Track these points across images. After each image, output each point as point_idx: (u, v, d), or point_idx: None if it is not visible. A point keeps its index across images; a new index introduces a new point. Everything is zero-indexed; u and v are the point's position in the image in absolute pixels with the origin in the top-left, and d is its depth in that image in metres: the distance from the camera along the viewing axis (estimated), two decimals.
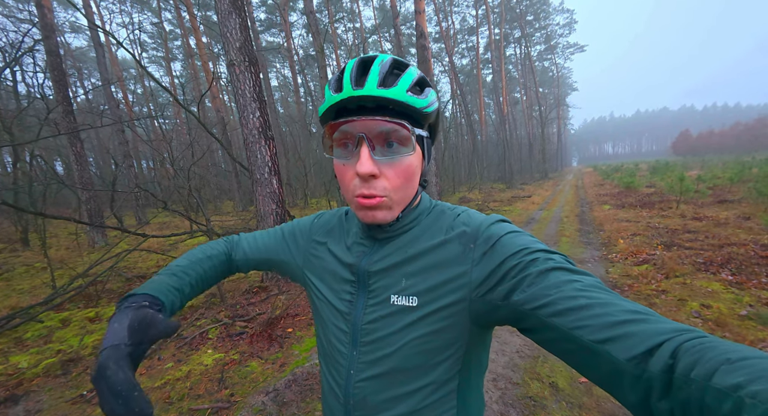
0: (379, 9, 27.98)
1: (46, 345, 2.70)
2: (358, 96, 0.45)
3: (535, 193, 15.14)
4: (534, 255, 0.43)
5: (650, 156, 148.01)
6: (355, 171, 0.46)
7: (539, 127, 30.27)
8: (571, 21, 32.91)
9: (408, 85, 0.47)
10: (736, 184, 10.92)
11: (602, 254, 4.96)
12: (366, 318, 0.52)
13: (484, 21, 26.14)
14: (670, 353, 0.30)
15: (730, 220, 6.12)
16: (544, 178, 27.81)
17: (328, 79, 0.49)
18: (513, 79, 37.51)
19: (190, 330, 2.95)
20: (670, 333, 0.32)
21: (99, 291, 3.80)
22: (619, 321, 0.34)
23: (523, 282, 0.42)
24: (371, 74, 0.46)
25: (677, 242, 4.99)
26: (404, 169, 0.48)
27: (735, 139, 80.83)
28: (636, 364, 0.31)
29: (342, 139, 0.49)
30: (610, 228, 6.55)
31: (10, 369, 2.30)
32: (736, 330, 2.46)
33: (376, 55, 0.49)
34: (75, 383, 2.24)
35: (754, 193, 7.37)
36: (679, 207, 7.87)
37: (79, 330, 2.94)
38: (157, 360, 2.54)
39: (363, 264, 0.55)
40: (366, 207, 0.48)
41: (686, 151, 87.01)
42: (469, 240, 0.50)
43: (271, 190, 3.85)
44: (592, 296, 0.37)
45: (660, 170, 20.32)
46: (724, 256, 4.10)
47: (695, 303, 2.98)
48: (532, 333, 0.42)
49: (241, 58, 3.58)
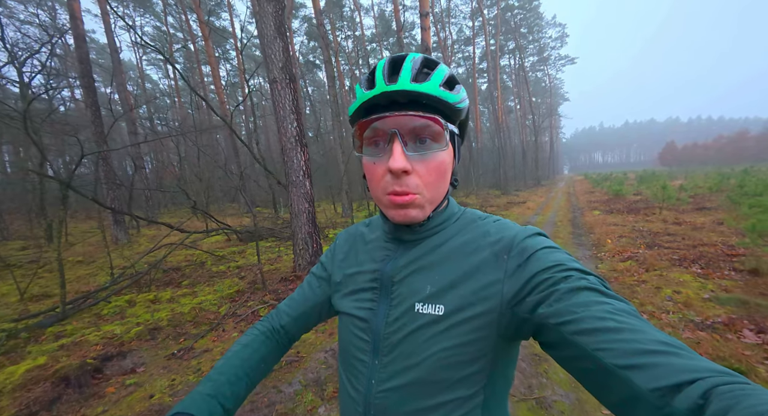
0: (380, 18, 28.77)
1: (123, 319, 3.16)
2: (392, 91, 0.45)
3: (529, 199, 15.84)
4: (568, 273, 0.42)
5: (639, 165, 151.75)
6: (387, 167, 0.46)
7: (532, 135, 31.32)
8: (563, 34, 34.19)
9: (440, 80, 0.47)
10: (714, 193, 11.73)
11: (593, 253, 5.56)
12: (388, 327, 0.51)
13: (480, 32, 27.09)
14: (701, 393, 0.28)
15: (706, 225, 6.80)
16: (537, 185, 28.68)
17: (334, 84, 0.52)
18: (507, 89, 38.61)
19: (242, 309, 3.43)
20: (705, 372, 0.29)
21: (149, 280, 4.25)
22: (647, 350, 0.32)
23: (552, 296, 0.41)
24: (404, 70, 0.46)
25: (658, 243, 5.62)
26: (437, 165, 0.48)
27: (717, 151, 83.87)
28: (659, 396, 0.29)
29: (373, 136, 0.49)
30: (599, 231, 7.18)
31: (108, 335, 2.77)
32: (699, 309, 3.04)
33: (407, 54, 0.49)
34: (163, 345, 2.72)
35: (728, 202, 8.11)
36: (662, 213, 8.57)
37: (146, 309, 3.41)
38: (222, 332, 3.03)
39: (387, 269, 0.54)
40: (398, 204, 0.48)
41: (672, 162, 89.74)
42: (502, 250, 0.48)
43: (305, 190, 4.37)
44: (622, 320, 0.36)
45: (647, 179, 21.22)
46: (696, 254, 4.73)
47: (669, 290, 3.57)
48: (552, 349, 0.41)
49: (283, 76, 4.11)
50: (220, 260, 5.64)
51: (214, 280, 4.48)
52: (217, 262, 5.52)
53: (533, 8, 29.79)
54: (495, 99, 25.19)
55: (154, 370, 2.39)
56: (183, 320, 3.13)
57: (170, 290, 3.97)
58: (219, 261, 5.57)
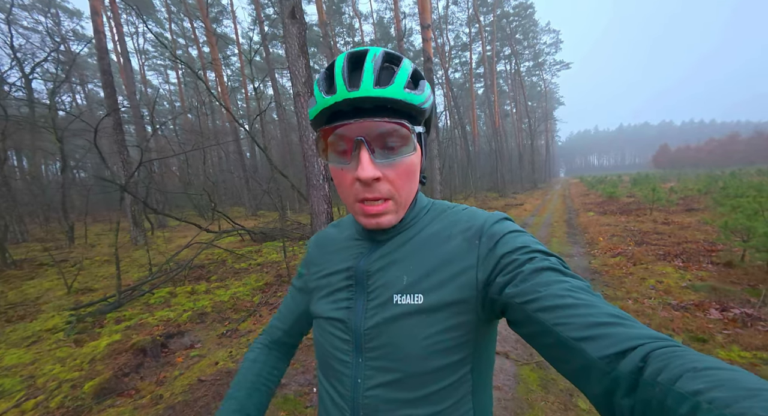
0: (378, 24, 29.37)
1: (170, 307, 3.56)
2: (354, 98, 0.43)
3: (526, 201, 16.34)
4: (531, 254, 0.45)
5: (633, 168, 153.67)
6: (355, 176, 0.45)
7: (528, 138, 32.00)
8: (557, 41, 34.99)
9: (404, 81, 0.45)
10: (703, 194, 12.27)
11: (586, 250, 6.02)
12: (367, 322, 0.50)
13: (476, 38, 27.75)
14: (641, 357, 0.31)
15: (692, 224, 7.29)
16: (534, 187, 29.26)
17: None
18: (503, 93, 39.32)
19: (273, 299, 3.84)
20: (645, 339, 0.33)
21: (184, 276, 4.65)
22: (599, 323, 0.35)
23: (517, 277, 0.43)
24: (365, 72, 0.44)
25: (646, 240, 6.09)
26: (405, 168, 0.48)
27: (709, 154, 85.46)
28: (607, 363, 0.33)
29: (337, 142, 0.47)
30: (593, 230, 7.65)
31: (164, 319, 3.17)
32: (677, 295, 3.48)
33: (367, 50, 0.46)
34: (212, 327, 3.12)
35: (714, 203, 8.62)
36: (652, 214, 9.07)
37: (187, 299, 3.81)
38: (259, 317, 3.43)
39: (361, 264, 0.54)
40: (370, 214, 0.48)
41: (665, 164, 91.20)
42: (474, 236, 0.50)
43: (324, 193, 4.79)
44: (579, 297, 0.38)
45: (640, 182, 21.79)
46: (679, 250, 5.20)
47: (652, 280, 4.02)
48: (518, 327, 0.43)
49: (306, 90, 4.55)
50: (239, 258, 6.03)
51: (240, 276, 4.88)
52: (237, 260, 5.92)
53: (528, 15, 30.57)
54: (492, 103, 25.79)
55: (210, 346, 2.79)
56: (224, 307, 3.53)
57: (204, 283, 4.37)
58: (239, 259, 5.96)
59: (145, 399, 2.06)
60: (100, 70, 7.55)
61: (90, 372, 2.28)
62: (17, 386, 2.16)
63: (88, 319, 3.19)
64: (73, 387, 2.13)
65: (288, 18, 4.38)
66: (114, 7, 10.93)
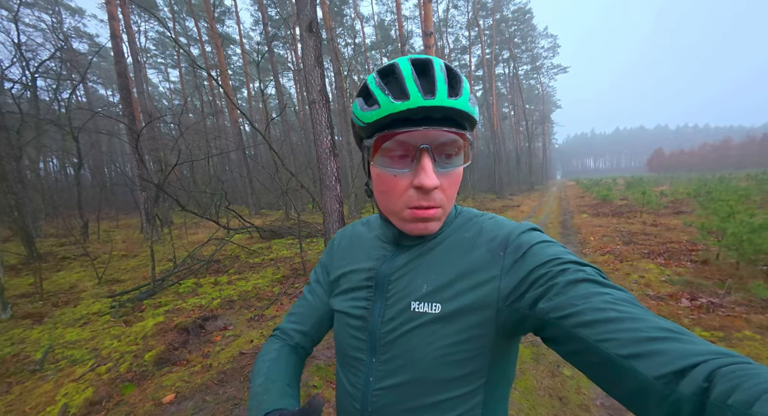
0: (379, 27, 29.75)
1: (198, 296, 3.92)
2: (429, 106, 0.43)
3: (523, 202, 16.78)
4: (564, 266, 0.42)
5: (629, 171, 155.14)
6: (412, 182, 0.46)
7: (526, 141, 32.50)
8: (555, 45, 35.60)
9: (469, 95, 0.46)
10: (693, 198, 12.77)
11: (578, 249, 6.43)
12: (384, 326, 0.51)
13: (476, 41, 28.25)
14: (705, 376, 0.29)
15: (678, 226, 7.73)
16: (531, 189, 29.76)
17: (344, 95, 0.42)
18: (502, 96, 39.82)
19: (291, 289, 4.20)
20: (707, 355, 0.30)
21: (204, 269, 5.00)
22: (649, 338, 0.33)
23: (551, 291, 0.41)
24: (439, 82, 0.44)
25: (634, 241, 6.52)
26: (457, 178, 0.49)
27: (702, 158, 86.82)
28: (665, 384, 0.30)
29: (395, 148, 0.47)
30: (585, 231, 8.08)
31: (197, 305, 3.53)
32: (656, 287, 3.89)
33: (430, 59, 0.46)
34: (240, 312, 3.49)
35: (699, 206, 9.09)
36: (642, 216, 9.52)
37: (212, 289, 4.17)
38: (280, 305, 3.79)
39: (383, 268, 0.54)
40: (420, 218, 0.48)
41: (660, 168, 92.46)
42: (498, 247, 0.49)
43: (336, 193, 5.16)
44: (623, 310, 0.36)
45: (634, 185, 22.33)
46: (663, 249, 5.62)
47: (636, 275, 4.43)
48: (556, 344, 0.41)
49: (320, 98, 4.92)
50: (251, 254, 6.38)
51: (256, 269, 5.23)
52: (250, 256, 6.27)
53: (527, 20, 31.11)
54: (490, 106, 26.27)
55: (242, 328, 3.15)
56: (248, 296, 3.90)
57: (225, 276, 4.73)
58: (251, 255, 6.31)
59: (197, 368, 2.42)
60: (116, 73, 7.87)
61: (145, 346, 2.65)
62: (86, 356, 2.51)
63: (128, 305, 3.54)
64: (135, 357, 2.49)
65: (305, 31, 4.76)
66: (125, 10, 11.23)
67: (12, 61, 10.17)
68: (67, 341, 2.77)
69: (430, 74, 0.45)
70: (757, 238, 3.63)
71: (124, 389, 2.16)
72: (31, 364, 2.44)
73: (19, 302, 3.86)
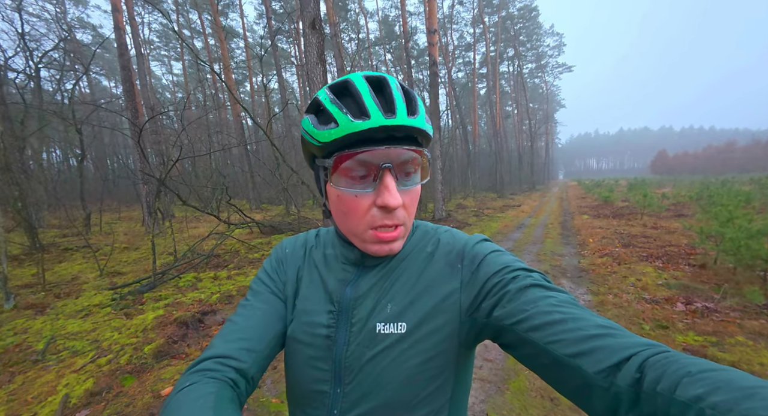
0: (383, 22, 29.57)
1: (198, 290, 3.96)
2: (390, 126, 0.43)
3: (524, 202, 16.79)
4: (515, 273, 0.45)
5: (632, 173, 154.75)
6: (379, 203, 0.45)
7: (529, 140, 32.42)
8: (560, 44, 35.28)
9: (425, 112, 0.47)
10: (695, 201, 12.74)
11: (577, 251, 6.45)
12: (350, 353, 0.48)
13: (480, 39, 28.03)
14: (637, 367, 0.31)
15: (678, 230, 7.73)
16: (532, 189, 29.70)
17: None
18: (505, 94, 39.63)
19: None
20: (637, 347, 0.33)
21: (204, 263, 5.05)
22: (590, 335, 0.35)
23: (504, 298, 0.43)
24: (398, 101, 0.44)
25: (633, 243, 6.53)
26: (416, 195, 0.49)
27: (706, 161, 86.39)
28: (604, 377, 0.32)
29: (356, 168, 0.45)
30: (585, 233, 8.08)
31: (196, 299, 3.57)
32: (652, 291, 3.91)
33: (384, 77, 0.46)
34: None
35: (701, 210, 9.07)
36: (643, 218, 9.52)
37: (211, 283, 4.21)
38: None
39: (347, 292, 0.51)
40: (384, 240, 0.47)
41: (663, 170, 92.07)
42: (456, 259, 0.50)
43: None
44: (566, 311, 0.38)
45: (637, 187, 22.25)
46: (661, 253, 5.63)
47: (633, 278, 4.44)
48: (512, 349, 0.43)
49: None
50: (251, 249, 6.42)
51: (255, 265, 5.27)
52: (249, 251, 6.31)
53: (532, 18, 30.82)
54: (494, 104, 26.16)
55: None
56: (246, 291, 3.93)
57: (224, 271, 4.77)
58: (251, 250, 6.35)
59: None
60: (120, 66, 7.88)
61: (145, 339, 2.69)
62: (87, 347, 2.56)
63: (129, 297, 3.59)
64: (135, 349, 2.53)
65: (308, 28, 4.75)
66: (128, 2, 11.19)
67: (15, 50, 10.20)
68: (68, 332, 2.83)
69: (386, 92, 0.45)
70: (754, 244, 3.65)
71: (124, 381, 2.21)
72: (34, 354, 2.49)
73: (22, 292, 3.91)
